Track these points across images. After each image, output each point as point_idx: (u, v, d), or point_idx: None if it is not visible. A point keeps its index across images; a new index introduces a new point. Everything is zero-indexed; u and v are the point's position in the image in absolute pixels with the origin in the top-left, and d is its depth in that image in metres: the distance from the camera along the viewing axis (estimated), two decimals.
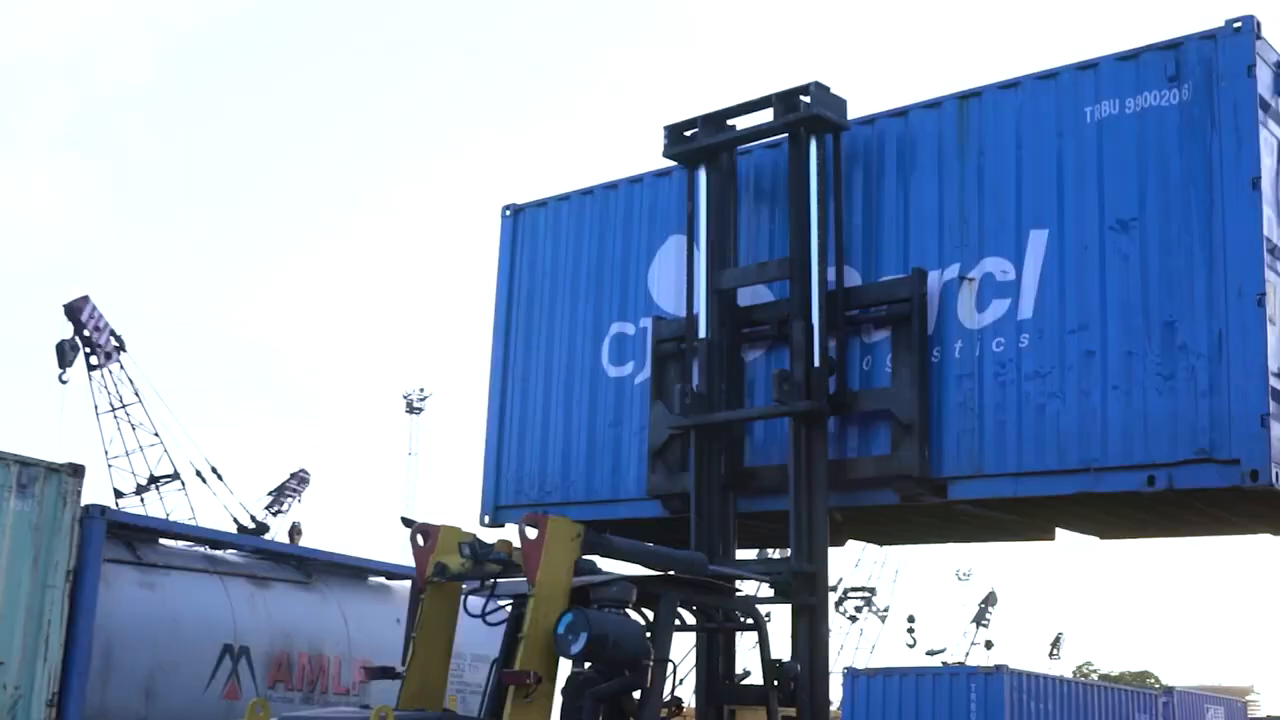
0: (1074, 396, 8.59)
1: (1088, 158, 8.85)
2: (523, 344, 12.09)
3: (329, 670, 13.49)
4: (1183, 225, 8.37)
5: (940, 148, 9.61)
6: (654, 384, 10.71)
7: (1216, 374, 8.04)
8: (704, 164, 10.44)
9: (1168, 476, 8.12)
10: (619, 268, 11.46)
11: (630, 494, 10.93)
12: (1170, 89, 8.55)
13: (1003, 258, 9.12)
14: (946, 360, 9.23)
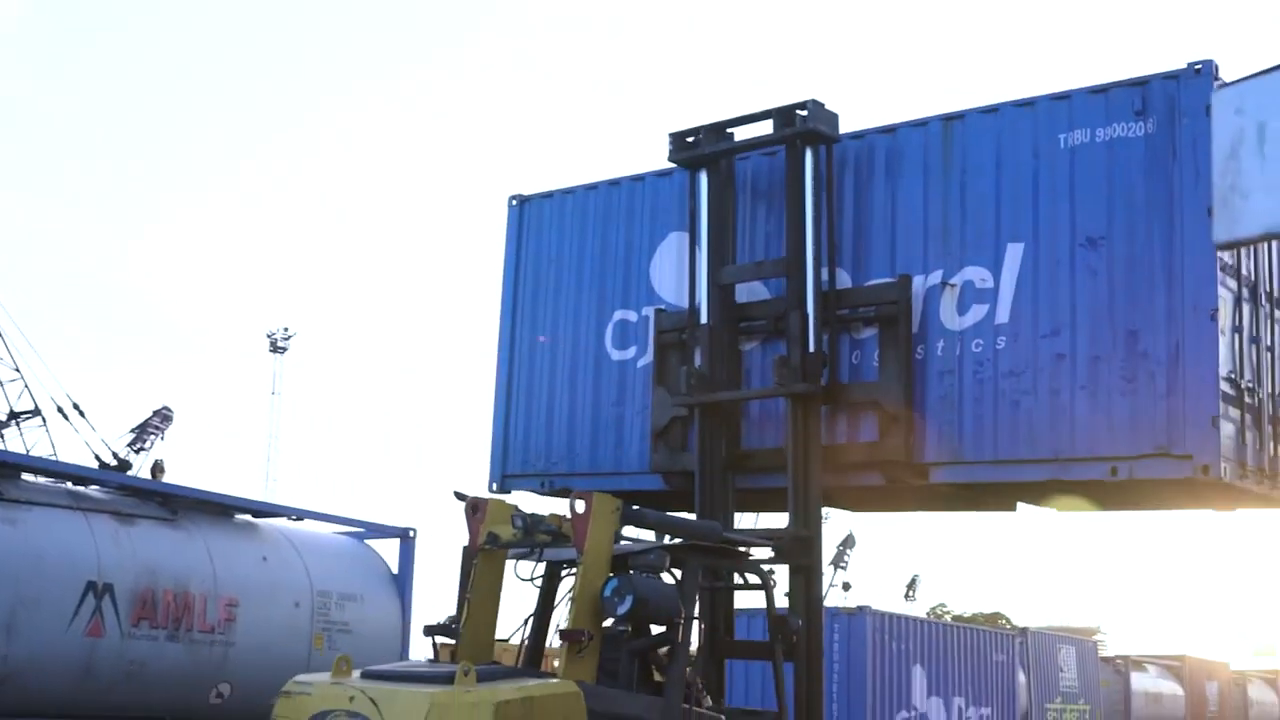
0: (1045, 394, 9.69)
1: (1061, 180, 9.90)
2: (528, 325, 13.00)
3: (194, 608, 13.35)
4: (1146, 245, 9.46)
5: (926, 164, 10.61)
6: (656, 370, 11.68)
7: (1173, 379, 9.17)
8: (705, 168, 11.37)
9: (1129, 468, 9.27)
10: (622, 259, 12.38)
11: (632, 468, 11.91)
12: (1137, 122, 9.61)
13: (982, 267, 10.17)
14: (929, 358, 10.29)
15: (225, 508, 14.65)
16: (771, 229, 11.44)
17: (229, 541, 14.22)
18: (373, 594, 15.77)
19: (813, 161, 10.77)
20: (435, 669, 8.22)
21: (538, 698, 7.56)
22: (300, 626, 14.51)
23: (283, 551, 14.88)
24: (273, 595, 14.27)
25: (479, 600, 9.08)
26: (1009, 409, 9.84)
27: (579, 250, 12.73)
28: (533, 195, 13.24)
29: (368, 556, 16.37)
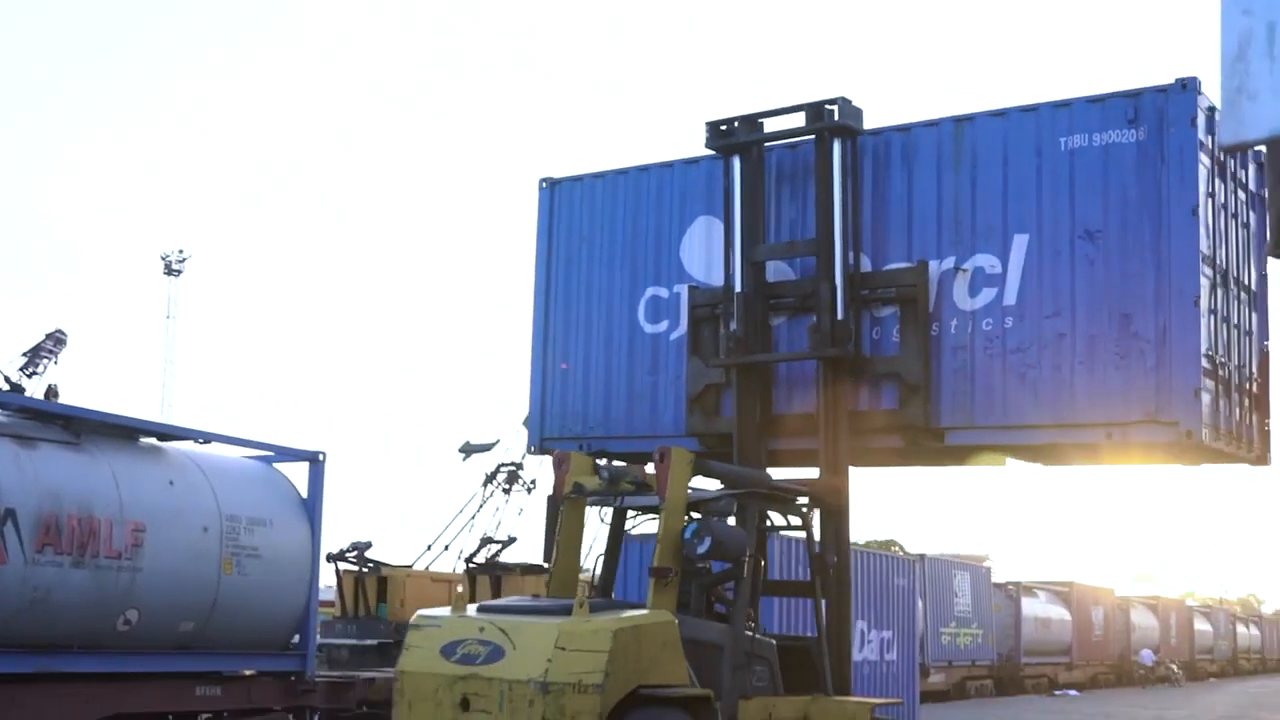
0: (1049, 368, 11.11)
1: (1061, 179, 11.26)
2: (561, 300, 14.16)
3: (100, 533, 12.92)
4: (1137, 238, 10.87)
5: (939, 160, 11.93)
6: (690, 341, 12.93)
7: (1161, 355, 10.62)
8: (738, 155, 12.57)
9: (1122, 433, 10.74)
10: (652, 240, 13.58)
11: (667, 431, 13.16)
12: (1129, 129, 10.98)
13: (991, 254, 11.54)
14: (944, 335, 11.66)
15: (130, 430, 14.17)
16: (795, 214, 12.70)
17: (134, 465, 13.74)
18: (282, 518, 15.33)
19: (840, 153, 12.03)
20: (547, 603, 9.46)
21: (643, 625, 8.86)
22: (209, 552, 14.17)
23: (190, 475, 14.45)
24: (180, 520, 13.89)
25: (565, 542, 10.32)
26: (1016, 380, 11.25)
27: (610, 231, 13.89)
28: (562, 179, 14.36)
29: (276, 480, 15.91)
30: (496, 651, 8.66)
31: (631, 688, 8.55)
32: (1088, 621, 43.00)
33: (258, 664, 15.26)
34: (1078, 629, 41.75)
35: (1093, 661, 43.47)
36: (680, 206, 13.45)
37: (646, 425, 13.38)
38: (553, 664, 8.37)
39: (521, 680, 8.41)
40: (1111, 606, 46.33)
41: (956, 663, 32.12)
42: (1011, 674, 37.00)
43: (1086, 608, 43.08)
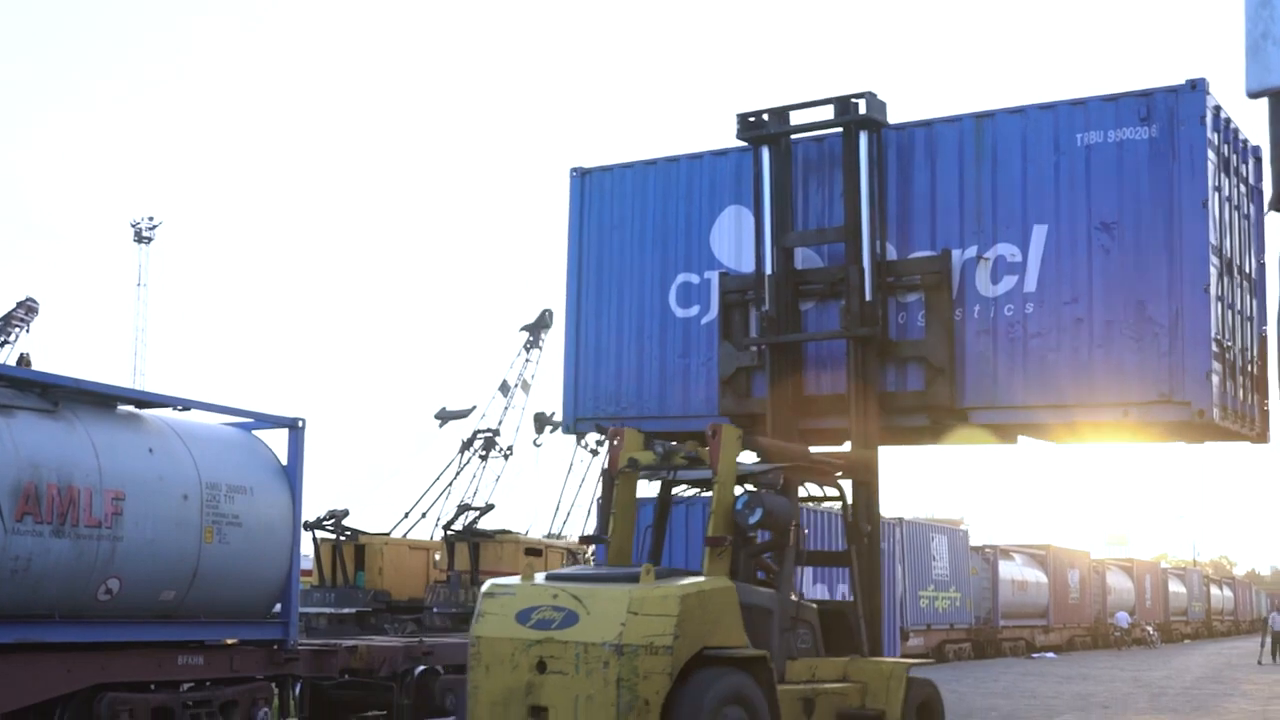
0: (1068, 351, 11.86)
1: (1078, 173, 11.98)
2: (594, 286, 14.77)
3: (80, 502, 12.79)
4: (1150, 229, 11.61)
5: (961, 154, 12.62)
6: (722, 325, 13.59)
7: (1174, 340, 11.38)
8: (768, 145, 13.22)
9: (1138, 412, 11.51)
10: (682, 228, 14.21)
11: (699, 411, 13.84)
12: (1142, 127, 11.70)
13: (1012, 244, 12.25)
14: (968, 320, 12.38)
15: (108, 398, 14.01)
16: (820, 203, 13.37)
17: (113, 433, 13.56)
18: (262, 485, 15.20)
19: (866, 145, 12.71)
20: (615, 571, 10.11)
21: (707, 590, 9.56)
22: (189, 519, 14.05)
23: (169, 443, 14.30)
24: (160, 488, 13.73)
25: (621, 514, 11.00)
26: (1037, 363, 11.99)
27: (640, 219, 14.51)
28: (593, 168, 14.97)
29: (256, 447, 15.76)
30: (571, 617, 9.30)
31: (697, 649, 9.23)
32: (1064, 584, 43.63)
33: (240, 633, 15.19)
34: (1054, 592, 42.37)
35: (1069, 624, 44.17)
36: (709, 196, 14.08)
37: (679, 405, 14.04)
38: (626, 628, 9.03)
39: (597, 643, 9.07)
40: (1087, 569, 47.02)
41: (935, 626, 32.52)
42: (989, 637, 37.50)
43: (1063, 570, 43.69)
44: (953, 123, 12.72)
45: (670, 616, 9.11)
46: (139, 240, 60.87)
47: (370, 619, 33.12)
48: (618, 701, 8.86)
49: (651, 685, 8.93)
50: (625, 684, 8.89)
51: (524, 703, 9.27)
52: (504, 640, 9.53)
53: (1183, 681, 27.32)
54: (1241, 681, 27.69)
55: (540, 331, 49.39)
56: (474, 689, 9.64)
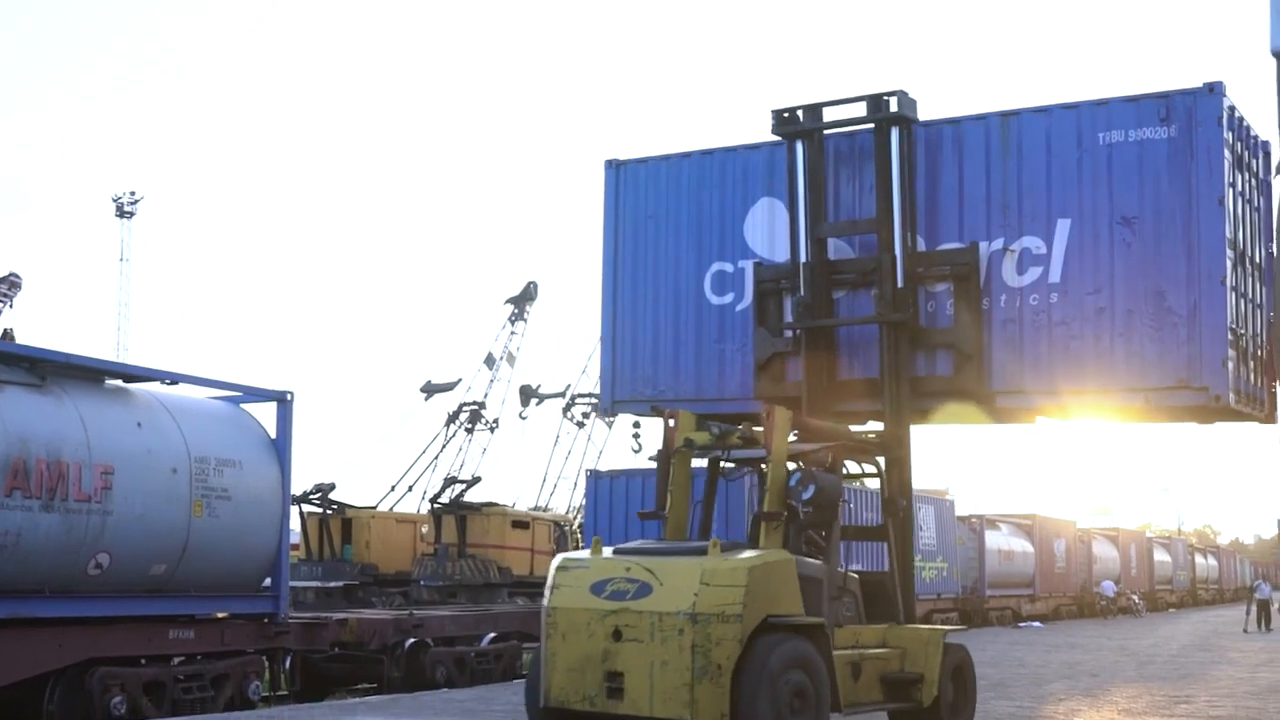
0: (1090, 339, 12.57)
1: (1100, 170, 12.66)
2: (629, 274, 15.39)
3: (69, 476, 12.71)
4: (1169, 224, 12.31)
5: (987, 151, 13.28)
6: (757, 313, 14.24)
7: (1192, 329, 12.10)
8: (802, 140, 13.85)
9: (1158, 397, 12.24)
10: (716, 219, 14.84)
11: (734, 394, 14.51)
12: (1162, 127, 12.39)
13: (1037, 237, 12.94)
14: (994, 309, 13.08)
15: (95, 372, 13.89)
16: (850, 196, 14.01)
17: (101, 407, 13.45)
18: (251, 459, 15.09)
19: (898, 141, 13.36)
20: (682, 545, 10.73)
21: (770, 563, 10.22)
22: (179, 493, 13.96)
23: (158, 417, 14.19)
24: (149, 462, 13.66)
25: (677, 491, 11.64)
26: (1061, 350, 12.70)
27: (675, 209, 15.14)
28: (628, 160, 15.58)
29: (245, 421, 15.66)
30: (645, 588, 9.95)
31: (762, 617, 9.91)
32: (1050, 554, 44.18)
33: (230, 606, 15.20)
34: (1040, 561, 42.90)
35: (1055, 593, 44.70)
36: (742, 188, 14.71)
37: (714, 389, 14.71)
38: (699, 598, 9.68)
39: (672, 612, 9.73)
40: (1073, 539, 47.65)
41: (922, 596, 32.38)
42: (976, 606, 38.00)
43: (1049, 540, 44.23)
44: (979, 120, 13.38)
45: (739, 587, 9.78)
46: (121, 215, 61.11)
47: (358, 592, 33.90)
48: (692, 666, 9.53)
49: (723, 651, 9.61)
50: (699, 650, 9.56)
51: (600, 669, 9.93)
52: (579, 610, 10.17)
53: (1169, 650, 27.86)
54: (1228, 649, 28.18)
55: (525, 304, 49.59)
56: (550, 656, 10.27)
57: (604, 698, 9.90)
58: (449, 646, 20.38)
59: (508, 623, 22.91)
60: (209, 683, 14.71)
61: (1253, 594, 40.13)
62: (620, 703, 9.82)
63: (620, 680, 9.85)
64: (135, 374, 14.73)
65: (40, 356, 13.34)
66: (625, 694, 9.80)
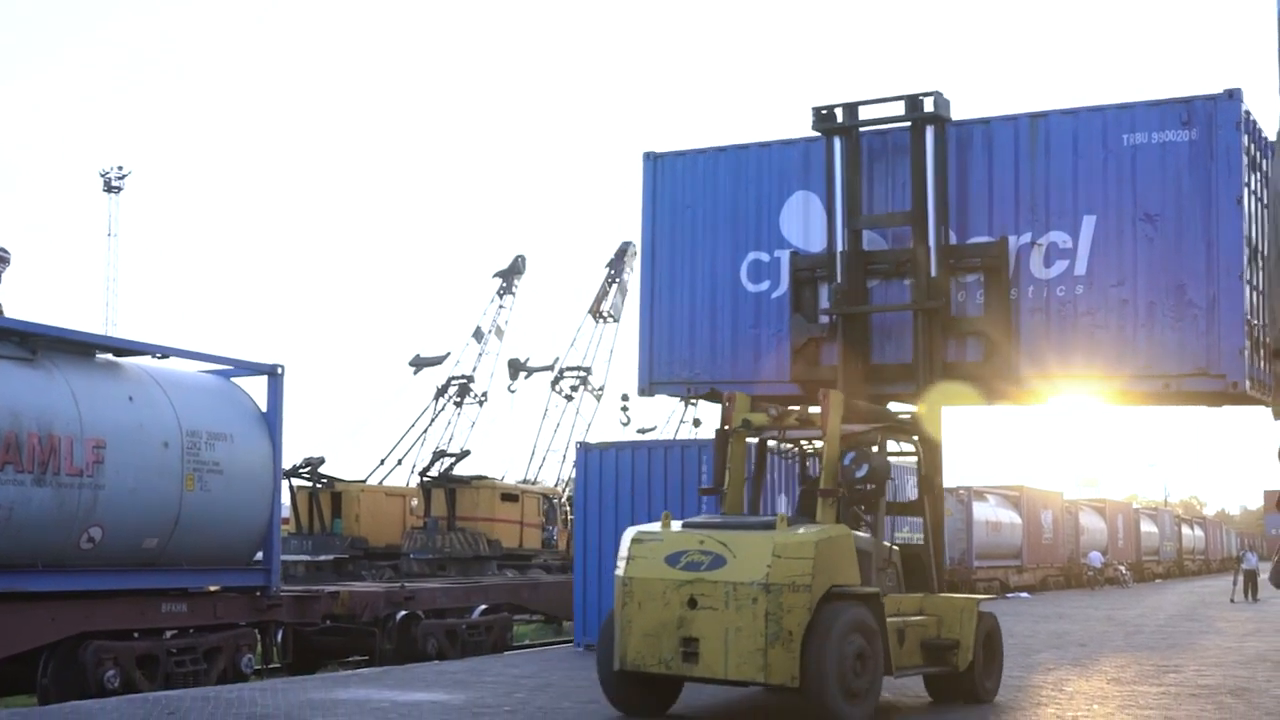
0: (1114, 329, 13.39)
1: (1125, 170, 13.46)
2: (667, 261, 16.08)
3: (60, 450, 12.65)
4: (1190, 222, 13.13)
5: (1016, 150, 14.05)
6: (793, 300, 14.99)
7: (1211, 321, 12.94)
8: (840, 136, 14.58)
9: (1178, 383, 13.08)
10: (753, 211, 15.56)
11: (769, 377, 15.24)
12: (1183, 130, 13.19)
13: (1064, 232, 13.74)
14: (1022, 299, 13.87)
15: (86, 346, 13.80)
16: (883, 190, 14.75)
17: (92, 381, 13.37)
18: (242, 433, 15.05)
19: (932, 139, 14.11)
20: (750, 520, 11.51)
21: (834, 536, 11.02)
22: (170, 467, 13.92)
23: (149, 391, 14.11)
24: (141, 436, 13.62)
25: (734, 468, 12.40)
26: (1086, 339, 13.52)
27: (713, 200, 15.84)
28: (665, 153, 16.28)
29: (236, 394, 15.62)
30: (719, 560, 10.70)
31: (827, 587, 10.72)
32: (1037, 525, 44.63)
33: (222, 579, 15.21)
34: (1028, 532, 43.35)
35: (1043, 564, 45.18)
36: (778, 181, 15.44)
37: (749, 371, 15.46)
38: (772, 569, 10.47)
39: (746, 583, 10.50)
40: (1060, 510, 48.14)
41: None
42: (964, 577, 38.19)
43: (1036, 511, 44.66)
44: (1009, 121, 14.15)
45: (808, 559, 10.57)
46: (108, 190, 61.15)
47: (348, 566, 34.13)
48: (766, 632, 10.33)
49: (794, 618, 10.41)
50: (772, 617, 10.36)
51: (676, 635, 10.68)
52: (655, 580, 10.91)
53: (1157, 620, 28.35)
54: (1215, 619, 28.69)
55: (513, 278, 49.58)
56: (626, 622, 11.00)
57: (680, 661, 10.66)
58: (440, 619, 20.55)
59: (498, 595, 23.08)
60: (201, 655, 14.70)
61: (1239, 564, 40.60)
62: (695, 666, 10.60)
63: (695, 645, 10.59)
64: (126, 348, 14.64)
65: (31, 331, 13.28)
66: (700, 658, 10.56)
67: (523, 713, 11.66)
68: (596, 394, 50.93)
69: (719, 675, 10.60)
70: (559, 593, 24.33)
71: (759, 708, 12.44)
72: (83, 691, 13.23)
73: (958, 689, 12.59)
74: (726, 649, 10.47)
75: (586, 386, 50.64)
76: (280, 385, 15.69)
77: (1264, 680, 15.21)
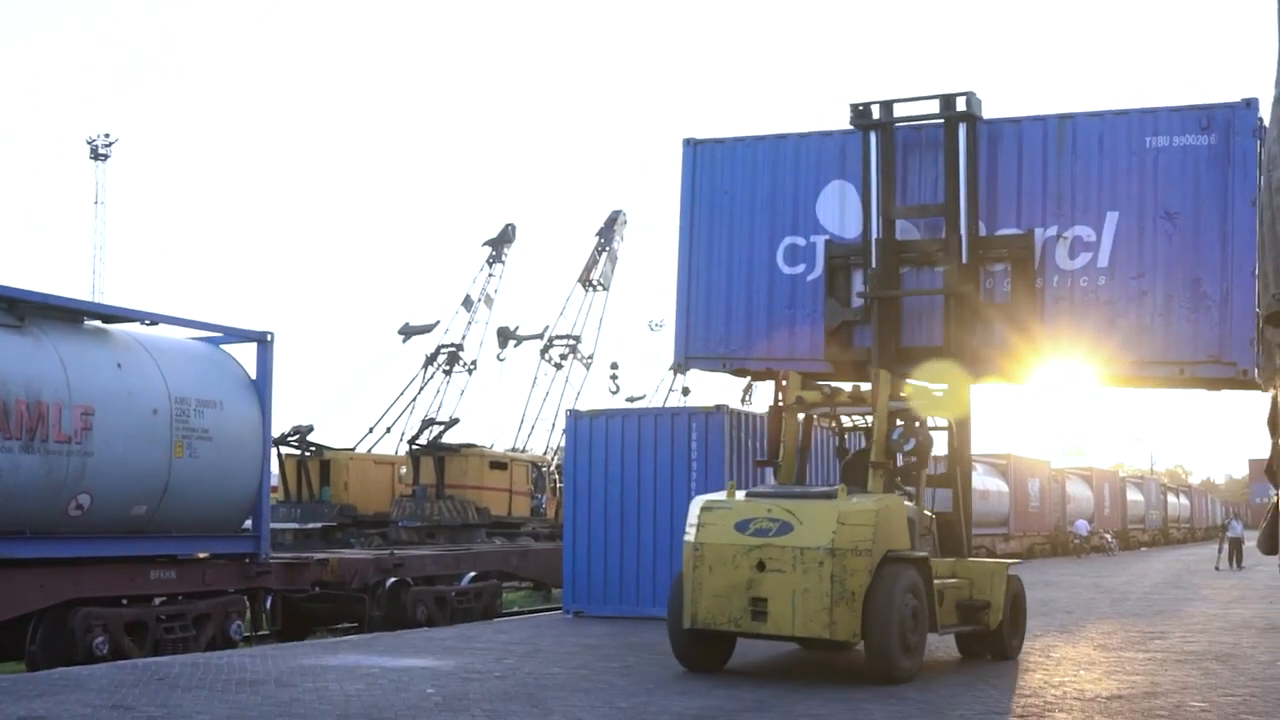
0: (1133, 318, 14.41)
1: (1147, 170, 14.45)
2: (704, 242, 16.94)
3: (49, 417, 12.57)
4: (1207, 220, 14.15)
5: (1044, 148, 15.00)
6: (827, 284, 15.91)
7: (1224, 312, 13.98)
8: (876, 131, 15.48)
9: (1192, 370, 14.13)
10: (789, 198, 16.45)
11: (802, 355, 16.15)
12: (1203, 135, 14.19)
13: (1088, 226, 14.72)
14: (1048, 289, 14.86)
15: (74, 313, 13.69)
16: (915, 182, 15.67)
17: (81, 348, 13.26)
18: (231, 400, 14.98)
19: (965, 136, 15.04)
20: (808, 489, 12.48)
21: (889, 505, 12.02)
22: (159, 434, 13.87)
23: (137, 358, 14.03)
24: (129, 403, 13.55)
25: (788, 441, 13.35)
26: (1107, 326, 14.53)
27: (751, 187, 16.71)
28: (705, 140, 17.13)
29: (225, 361, 15.56)
30: (785, 527, 11.66)
31: (885, 551, 11.71)
32: (1024, 493, 45.24)
33: (212, 546, 15.18)
34: (1015, 500, 43.99)
35: (1029, 532, 45.66)
36: (815, 171, 16.32)
37: (784, 350, 16.36)
38: (837, 535, 11.45)
39: (812, 547, 11.47)
40: (1047, 478, 48.74)
41: None
42: None
43: (1023, 479, 45.23)
44: (1038, 121, 15.09)
45: (869, 526, 11.57)
46: (96, 158, 60.82)
47: (336, 533, 34.29)
48: (831, 593, 11.32)
49: (856, 580, 11.40)
50: (837, 579, 11.35)
51: (745, 595, 11.64)
52: (725, 546, 11.85)
53: (1142, 587, 28.97)
54: (1201, 586, 29.30)
55: (503, 246, 49.48)
56: (697, 584, 11.93)
57: (748, 620, 11.64)
58: (429, 586, 20.61)
59: (487, 562, 23.15)
60: (191, 622, 14.70)
61: (1225, 532, 41.19)
62: (764, 624, 11.58)
63: (764, 605, 11.55)
64: (114, 314, 14.54)
65: (19, 297, 13.13)
66: (769, 617, 11.53)
67: (512, 678, 11.98)
68: (586, 362, 51.19)
69: (785, 632, 11.60)
70: (548, 560, 24.57)
71: (800, 663, 13.42)
72: (71, 658, 13.26)
73: (987, 646, 13.66)
74: (793, 608, 11.44)
75: (576, 355, 50.86)
76: (269, 352, 15.67)
77: (1249, 646, 15.68)
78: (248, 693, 10.81)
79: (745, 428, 18.94)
